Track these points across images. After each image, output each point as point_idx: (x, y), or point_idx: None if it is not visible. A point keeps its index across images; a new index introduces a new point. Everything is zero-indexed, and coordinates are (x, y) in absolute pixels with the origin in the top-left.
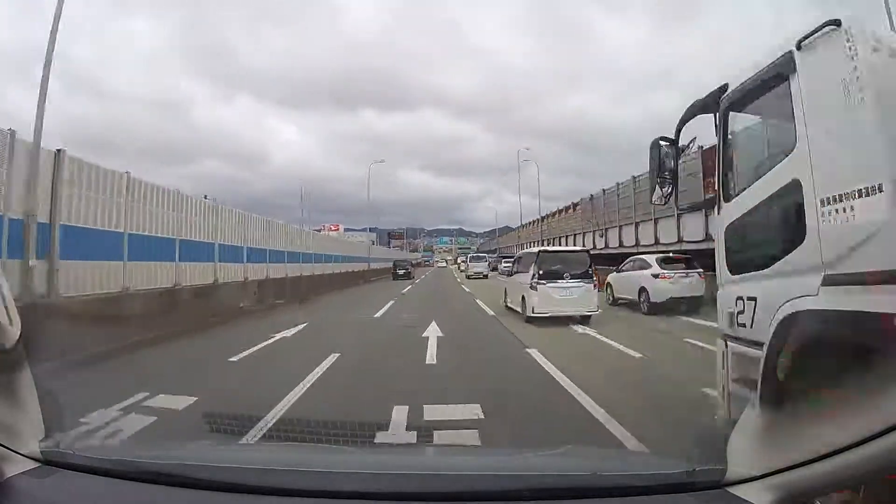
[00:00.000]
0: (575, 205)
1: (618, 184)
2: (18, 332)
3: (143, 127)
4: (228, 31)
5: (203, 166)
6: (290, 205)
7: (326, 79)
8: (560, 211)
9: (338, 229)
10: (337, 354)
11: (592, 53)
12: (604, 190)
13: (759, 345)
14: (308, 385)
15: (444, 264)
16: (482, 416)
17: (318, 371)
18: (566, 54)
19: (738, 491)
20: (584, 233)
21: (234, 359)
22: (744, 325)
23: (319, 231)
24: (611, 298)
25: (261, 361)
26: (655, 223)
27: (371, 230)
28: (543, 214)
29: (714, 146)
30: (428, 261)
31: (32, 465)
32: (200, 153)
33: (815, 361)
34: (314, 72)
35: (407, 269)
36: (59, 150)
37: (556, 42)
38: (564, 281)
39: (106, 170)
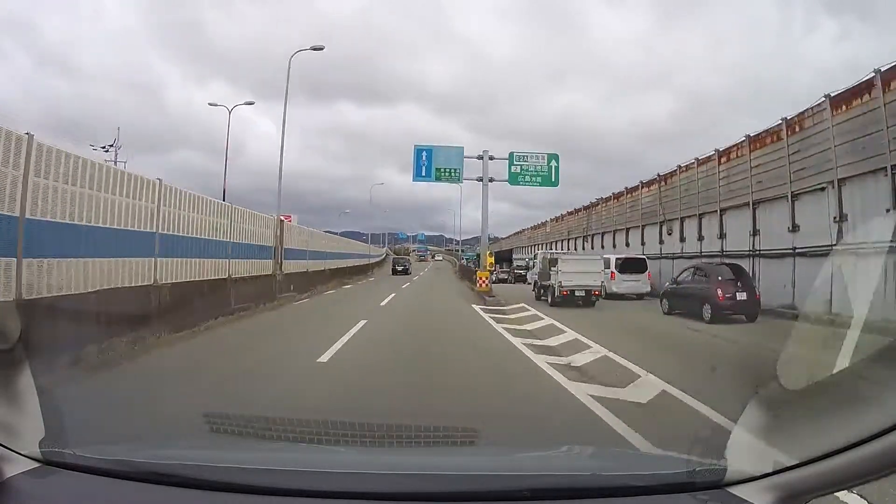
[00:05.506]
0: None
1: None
2: (19, 332)
3: (115, 111)
4: (199, 8)
5: (177, 156)
6: (264, 201)
7: (302, 63)
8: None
9: (290, 219)
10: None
11: (583, 51)
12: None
13: None
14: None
15: (441, 258)
16: None
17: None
18: (554, 50)
19: (738, 491)
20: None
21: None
22: None
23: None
24: None
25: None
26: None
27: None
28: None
29: None
30: (423, 256)
31: (32, 465)
32: (174, 142)
33: None
34: (289, 54)
35: (405, 265)
36: (282, 219)
37: (544, 36)
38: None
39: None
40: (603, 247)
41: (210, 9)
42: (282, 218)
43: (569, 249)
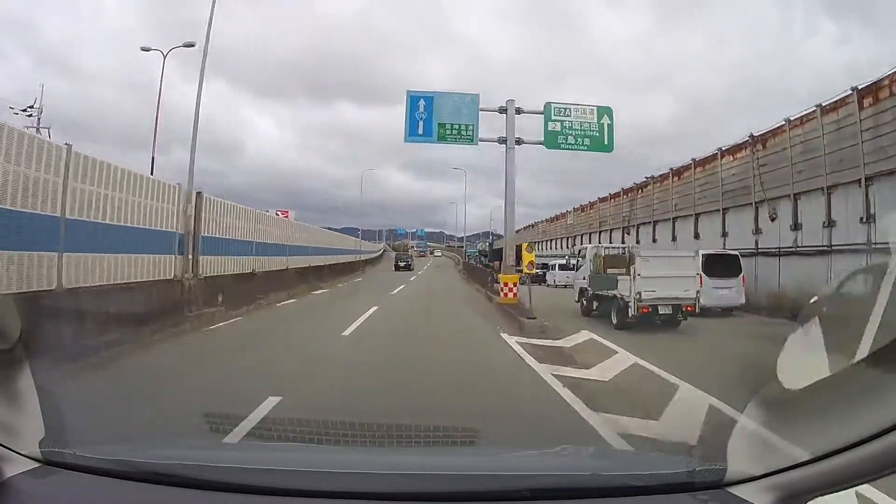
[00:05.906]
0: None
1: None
2: (19, 332)
3: (114, 108)
4: (199, 8)
5: (177, 155)
6: (266, 199)
7: (302, 65)
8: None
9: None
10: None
11: (583, 52)
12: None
13: None
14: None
15: (440, 254)
16: None
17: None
18: (554, 51)
19: (738, 491)
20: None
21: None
22: None
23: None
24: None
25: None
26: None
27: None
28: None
29: None
30: (423, 252)
31: (32, 465)
32: (175, 141)
33: None
34: (289, 56)
35: (408, 261)
36: (199, 193)
37: (544, 37)
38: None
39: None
40: (655, 241)
41: (209, 9)
42: (197, 191)
43: (607, 243)
